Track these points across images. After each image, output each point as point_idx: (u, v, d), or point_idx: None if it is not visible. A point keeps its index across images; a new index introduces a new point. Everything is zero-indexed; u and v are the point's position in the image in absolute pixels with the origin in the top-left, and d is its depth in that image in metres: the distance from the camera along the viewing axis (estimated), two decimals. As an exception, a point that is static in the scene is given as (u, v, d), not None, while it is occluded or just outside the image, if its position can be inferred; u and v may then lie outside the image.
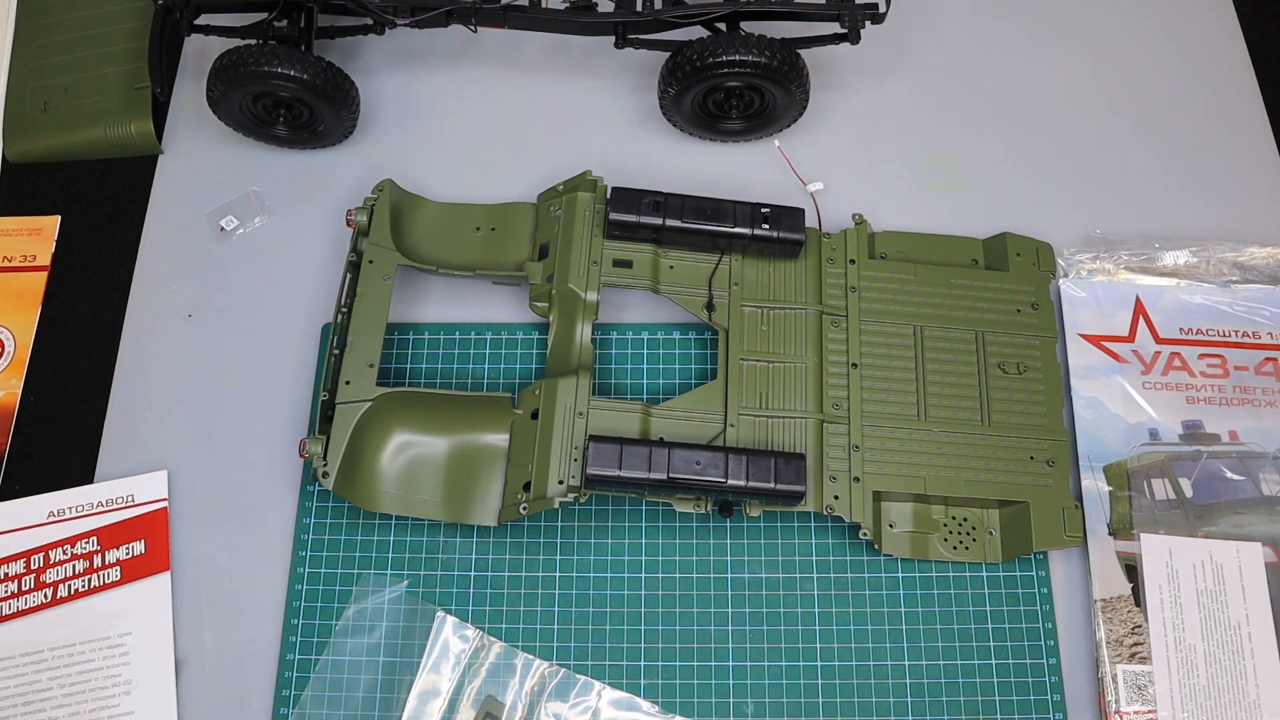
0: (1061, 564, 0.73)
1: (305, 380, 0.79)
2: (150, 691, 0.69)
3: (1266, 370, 0.77)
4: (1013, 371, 0.76)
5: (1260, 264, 0.81)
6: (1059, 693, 0.69)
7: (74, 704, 0.69)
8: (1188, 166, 0.86)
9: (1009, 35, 0.92)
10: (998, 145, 0.87)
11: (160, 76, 0.85)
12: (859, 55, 0.90)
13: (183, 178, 0.87)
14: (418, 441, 0.73)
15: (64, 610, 0.72)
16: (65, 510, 0.74)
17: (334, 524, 0.74)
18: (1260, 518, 0.72)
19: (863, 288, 0.78)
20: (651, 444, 0.69)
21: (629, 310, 0.81)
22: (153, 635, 0.71)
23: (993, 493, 0.72)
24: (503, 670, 0.69)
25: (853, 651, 0.70)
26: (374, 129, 0.88)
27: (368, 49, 0.91)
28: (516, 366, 0.78)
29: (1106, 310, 0.79)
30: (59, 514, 0.74)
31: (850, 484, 0.71)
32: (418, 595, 0.72)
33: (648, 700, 0.69)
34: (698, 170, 0.86)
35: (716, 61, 0.78)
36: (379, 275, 0.76)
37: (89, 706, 0.69)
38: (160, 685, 0.69)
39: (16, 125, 0.88)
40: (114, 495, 0.75)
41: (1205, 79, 0.90)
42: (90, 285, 0.83)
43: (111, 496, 0.75)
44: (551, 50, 0.91)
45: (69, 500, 0.75)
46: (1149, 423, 0.76)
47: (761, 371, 0.75)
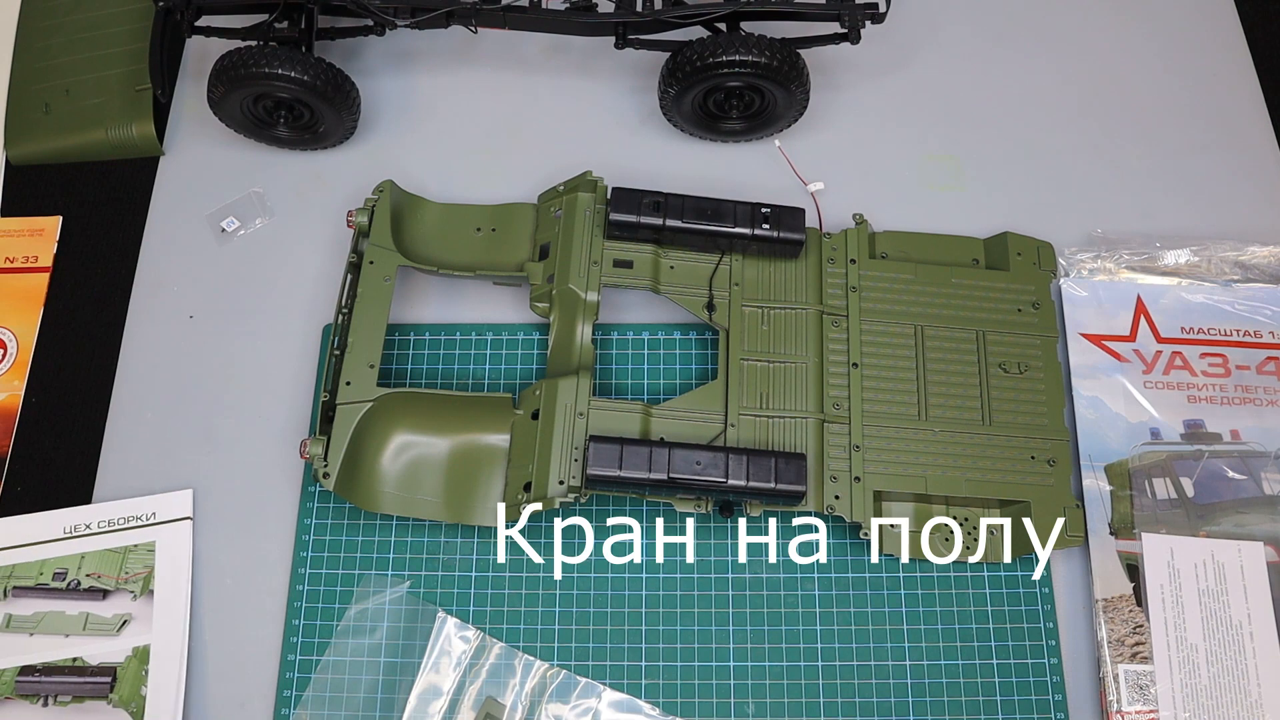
0: (1063, 564, 0.73)
1: (306, 381, 0.79)
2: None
3: (1268, 369, 0.77)
4: (1014, 371, 0.75)
5: (1261, 263, 0.81)
6: (1060, 692, 0.69)
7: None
8: (1189, 165, 0.86)
9: (1009, 35, 0.92)
10: (998, 145, 0.87)
11: (161, 78, 0.85)
12: (859, 55, 0.90)
13: (184, 179, 0.87)
14: (418, 442, 0.73)
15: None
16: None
17: (335, 524, 0.74)
18: (1262, 517, 0.72)
19: (863, 287, 0.78)
20: (652, 444, 0.69)
21: (629, 310, 0.81)
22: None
23: (994, 492, 0.72)
24: (503, 671, 0.69)
25: (853, 651, 0.70)
26: (375, 130, 0.88)
27: (368, 50, 0.91)
28: (517, 367, 0.79)
29: (1108, 310, 0.79)
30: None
31: (851, 484, 0.71)
32: (418, 596, 0.72)
33: (648, 701, 0.69)
34: (698, 170, 0.86)
35: (717, 61, 0.78)
36: (380, 276, 0.76)
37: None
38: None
39: (18, 127, 0.89)
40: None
41: (1206, 78, 0.90)
42: (92, 286, 0.83)
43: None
44: (552, 51, 0.91)
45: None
46: (1150, 422, 0.75)
47: (762, 371, 0.75)
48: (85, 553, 0.72)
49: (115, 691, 0.68)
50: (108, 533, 0.72)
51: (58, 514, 0.74)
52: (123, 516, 0.73)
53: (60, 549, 0.72)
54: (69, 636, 0.70)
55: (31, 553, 0.72)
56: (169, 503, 0.74)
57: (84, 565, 0.72)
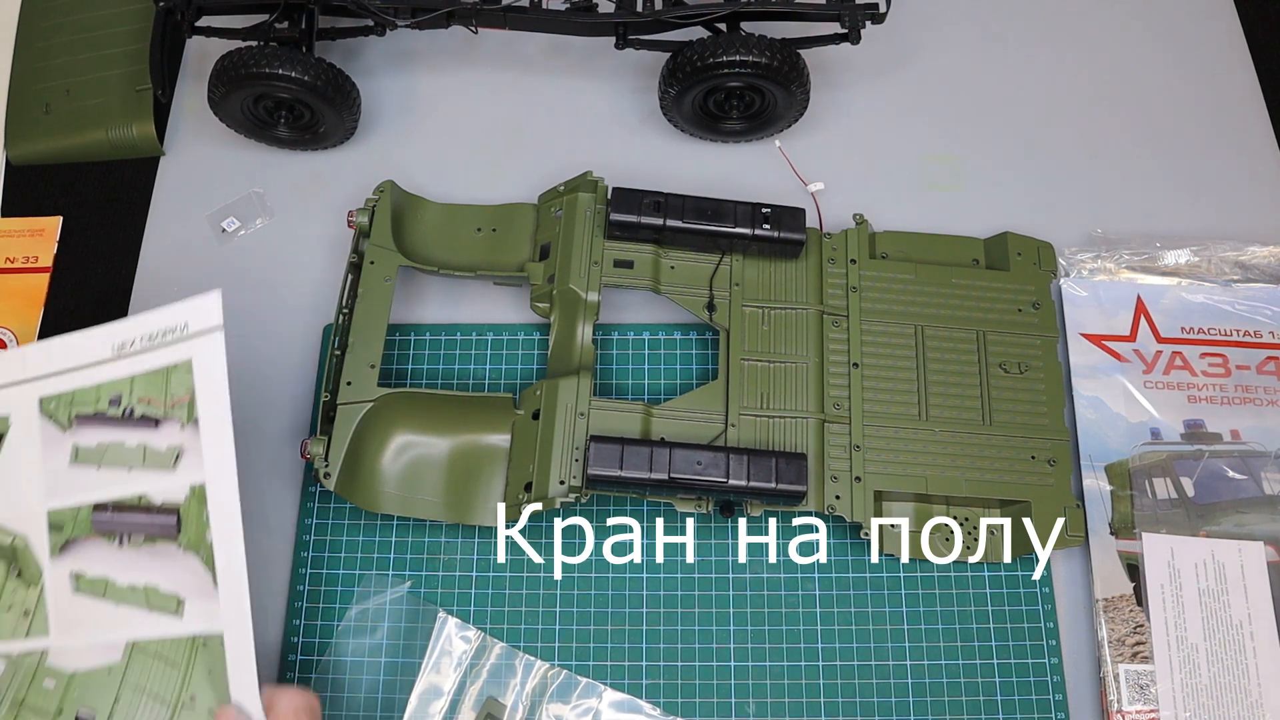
0: (1063, 563, 0.73)
1: (306, 381, 0.79)
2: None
3: (1268, 369, 0.77)
4: (1014, 371, 0.76)
5: (1262, 263, 0.81)
6: (1061, 692, 0.69)
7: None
8: (1189, 165, 0.86)
9: (1009, 35, 0.92)
10: (998, 145, 0.87)
11: (161, 78, 0.85)
12: (859, 55, 0.90)
13: (184, 179, 0.87)
14: (419, 442, 0.73)
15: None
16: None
17: (335, 525, 0.74)
18: (1262, 517, 0.72)
19: (864, 287, 0.78)
20: (653, 444, 0.69)
21: (630, 310, 0.81)
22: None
23: (994, 492, 0.72)
24: (504, 671, 0.69)
25: (854, 651, 0.70)
26: (375, 130, 0.88)
27: (368, 50, 0.91)
28: (518, 367, 0.79)
29: (1108, 310, 0.79)
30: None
31: (851, 484, 0.71)
32: (419, 596, 0.72)
33: (649, 701, 0.69)
34: (698, 170, 0.86)
35: (717, 62, 0.78)
36: (380, 276, 0.76)
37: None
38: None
39: (18, 127, 0.89)
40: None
41: (1206, 77, 0.90)
42: (92, 287, 0.83)
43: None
44: (552, 51, 0.91)
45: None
46: (1150, 422, 0.76)
47: (762, 371, 0.75)
48: (135, 375, 0.69)
49: (182, 534, 0.66)
50: (150, 351, 0.69)
51: (100, 330, 0.70)
52: (161, 329, 0.69)
53: (112, 371, 0.70)
54: (131, 470, 0.68)
55: (86, 376, 0.70)
56: (198, 309, 0.68)
57: (135, 389, 0.69)
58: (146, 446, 0.68)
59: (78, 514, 0.67)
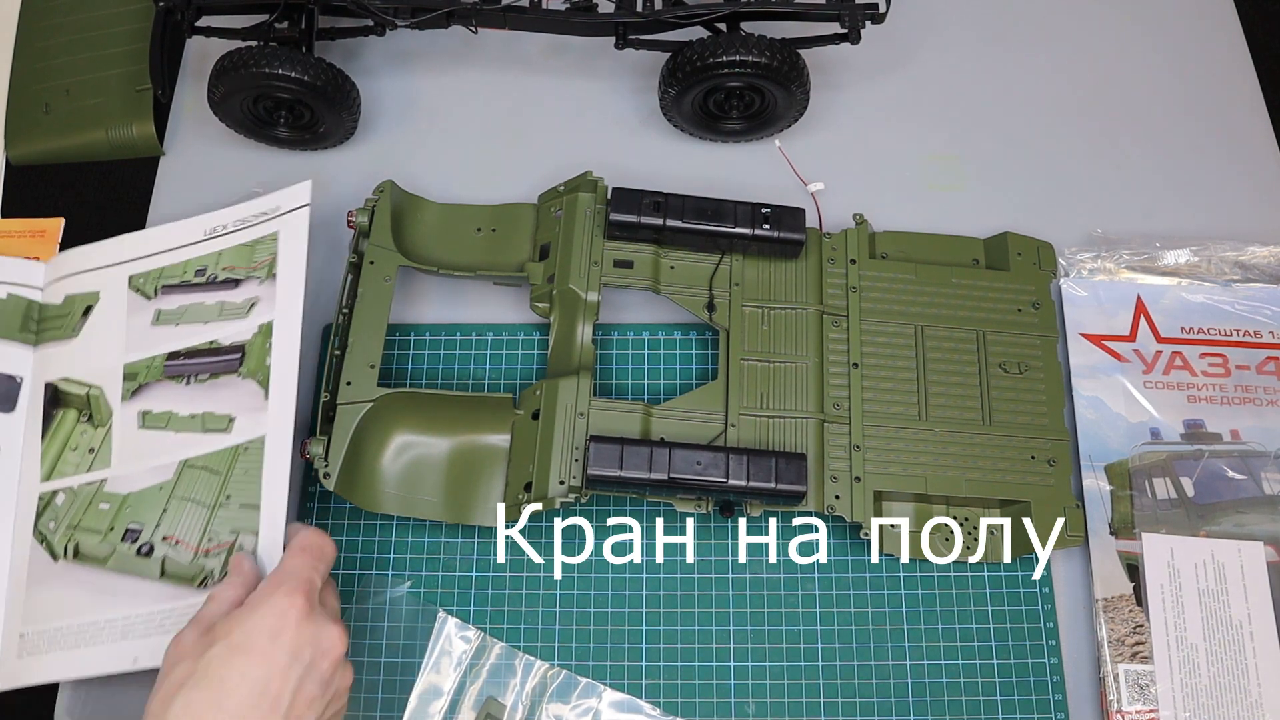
0: (1063, 564, 0.73)
1: (306, 381, 0.79)
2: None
3: (1268, 369, 0.77)
4: (1014, 371, 0.76)
5: (1261, 263, 0.81)
6: (1060, 692, 0.69)
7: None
8: (1189, 165, 0.86)
9: (1009, 35, 0.92)
10: (998, 145, 0.87)
11: (161, 78, 0.85)
12: (859, 55, 0.90)
13: (184, 179, 0.87)
14: (419, 442, 0.73)
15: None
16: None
17: (335, 525, 0.74)
18: (1262, 517, 0.72)
19: (863, 288, 0.78)
20: (652, 444, 0.69)
21: (630, 310, 0.81)
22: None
23: (994, 492, 0.72)
24: (504, 671, 0.69)
25: (854, 651, 0.70)
26: (375, 130, 0.88)
27: (368, 50, 0.91)
28: (517, 367, 0.79)
29: (1108, 309, 0.79)
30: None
31: (851, 484, 0.71)
32: (419, 596, 0.72)
33: (648, 701, 0.69)
34: (698, 170, 0.86)
35: (717, 62, 0.78)
36: (380, 276, 0.76)
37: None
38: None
39: (18, 127, 0.89)
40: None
41: (1206, 77, 0.90)
42: (92, 287, 0.83)
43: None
44: (552, 51, 0.91)
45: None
46: (1150, 422, 0.76)
47: (762, 371, 0.75)
48: (222, 250, 0.76)
49: (244, 365, 0.72)
50: (241, 229, 0.77)
51: (195, 219, 0.78)
52: (254, 214, 0.77)
53: (202, 249, 0.77)
54: (207, 324, 0.74)
55: (177, 255, 0.77)
56: (290, 193, 0.77)
57: (221, 260, 0.76)
58: (224, 303, 0.74)
59: (152, 362, 0.74)
